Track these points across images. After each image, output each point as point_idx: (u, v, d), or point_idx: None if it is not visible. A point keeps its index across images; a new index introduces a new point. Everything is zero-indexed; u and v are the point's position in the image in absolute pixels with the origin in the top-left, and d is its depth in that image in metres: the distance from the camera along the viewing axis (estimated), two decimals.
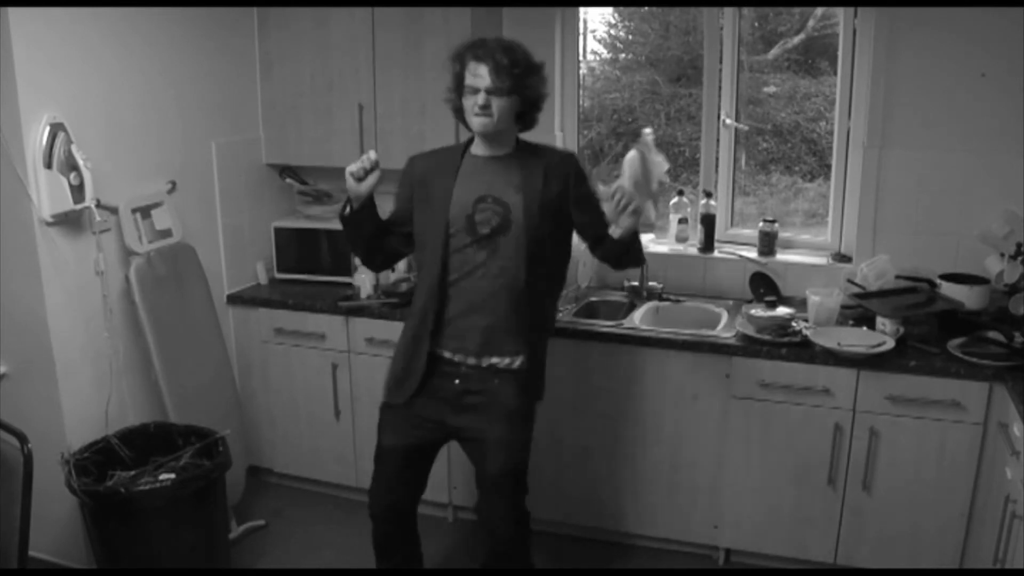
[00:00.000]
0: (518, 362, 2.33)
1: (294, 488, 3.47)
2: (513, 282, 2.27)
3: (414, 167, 2.42)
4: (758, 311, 2.84)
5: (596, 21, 3.75)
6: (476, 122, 2.24)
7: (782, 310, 2.87)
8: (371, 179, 2.28)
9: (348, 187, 2.29)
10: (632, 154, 2.44)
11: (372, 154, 2.28)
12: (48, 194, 2.50)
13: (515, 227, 2.25)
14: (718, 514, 2.89)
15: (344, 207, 2.36)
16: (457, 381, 2.33)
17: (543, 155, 2.35)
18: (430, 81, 3.02)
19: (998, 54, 2.77)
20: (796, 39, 3.47)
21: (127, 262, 2.81)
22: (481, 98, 2.19)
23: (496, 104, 2.20)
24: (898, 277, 2.94)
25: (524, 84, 2.23)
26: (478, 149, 2.33)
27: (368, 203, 2.33)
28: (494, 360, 2.31)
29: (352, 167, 2.27)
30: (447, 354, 2.33)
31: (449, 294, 2.30)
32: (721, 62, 3.23)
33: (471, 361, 2.32)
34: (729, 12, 3.17)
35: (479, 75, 2.19)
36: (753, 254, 3.24)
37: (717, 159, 3.33)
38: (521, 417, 2.37)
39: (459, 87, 2.25)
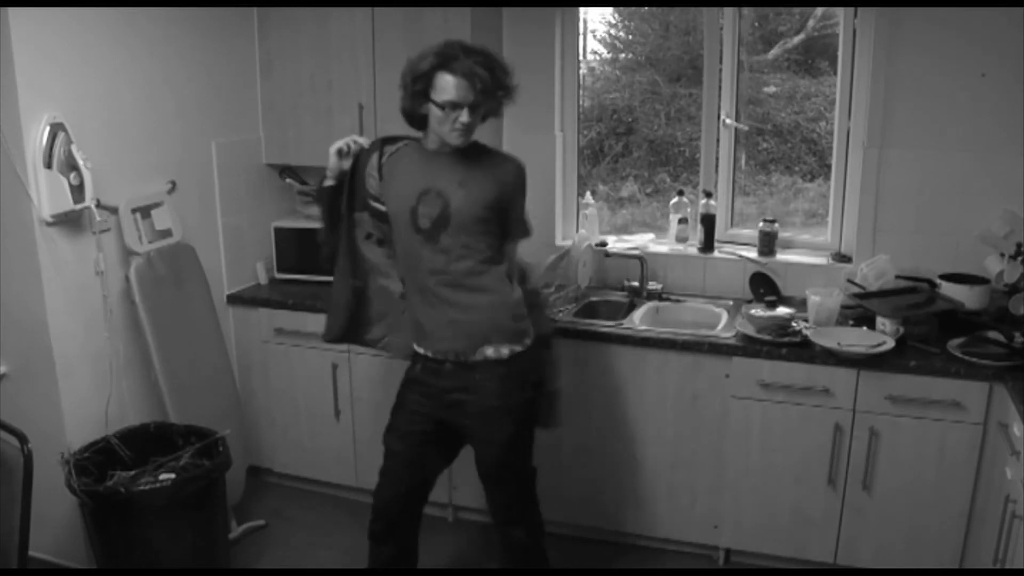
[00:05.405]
0: (505, 351, 2.29)
1: (294, 488, 3.47)
2: (459, 275, 2.26)
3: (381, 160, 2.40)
4: (758, 311, 2.84)
5: (596, 21, 3.76)
6: (454, 137, 2.20)
7: (782, 310, 2.87)
8: (348, 161, 2.32)
9: (330, 164, 2.33)
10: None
11: (363, 141, 2.33)
12: (48, 194, 2.51)
13: (454, 221, 2.23)
14: (718, 514, 2.89)
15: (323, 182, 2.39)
16: (440, 379, 2.34)
17: (490, 156, 2.32)
18: None
19: (998, 54, 2.77)
20: (796, 39, 3.47)
21: (127, 262, 2.81)
22: (465, 116, 2.15)
23: (475, 119, 2.19)
24: (898, 277, 2.94)
25: (505, 94, 2.23)
26: (429, 143, 2.30)
27: (341, 184, 2.35)
28: (471, 356, 2.30)
29: (340, 143, 2.31)
30: (429, 353, 2.35)
31: (407, 289, 2.35)
32: (721, 62, 3.23)
33: (451, 357, 2.32)
34: (729, 12, 3.17)
35: (461, 90, 2.13)
36: (753, 254, 3.24)
37: (717, 159, 3.33)
38: (506, 412, 2.33)
39: (423, 94, 2.18)
